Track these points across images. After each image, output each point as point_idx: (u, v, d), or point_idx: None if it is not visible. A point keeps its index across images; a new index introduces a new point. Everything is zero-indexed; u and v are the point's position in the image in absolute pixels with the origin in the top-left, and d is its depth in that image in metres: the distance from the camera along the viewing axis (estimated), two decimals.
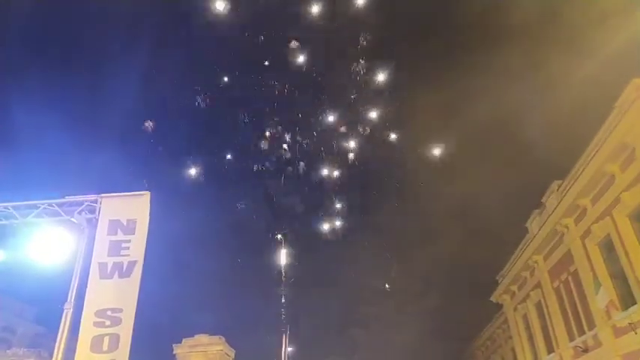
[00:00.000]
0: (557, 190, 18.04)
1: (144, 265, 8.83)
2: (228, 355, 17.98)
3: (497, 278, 25.47)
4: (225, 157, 25.58)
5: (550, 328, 19.81)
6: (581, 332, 16.99)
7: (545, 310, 20.21)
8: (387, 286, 34.12)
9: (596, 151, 14.61)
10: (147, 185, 9.72)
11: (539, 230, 19.33)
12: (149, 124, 23.44)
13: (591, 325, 16.16)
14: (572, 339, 17.73)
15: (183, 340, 19.20)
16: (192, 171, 25.25)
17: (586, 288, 16.20)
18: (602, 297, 14.67)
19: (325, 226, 29.13)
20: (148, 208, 9.35)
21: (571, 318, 17.86)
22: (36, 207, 9.72)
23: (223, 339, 19.13)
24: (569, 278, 17.76)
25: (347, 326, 34.15)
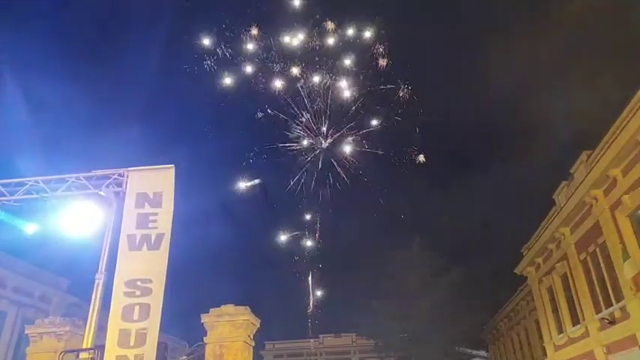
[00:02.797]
0: (587, 160, 17.54)
1: (172, 238, 8.98)
2: (253, 324, 18.39)
3: (521, 251, 25.22)
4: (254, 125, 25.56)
5: (576, 300, 19.62)
6: (608, 304, 16.77)
7: (571, 282, 19.98)
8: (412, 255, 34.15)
9: (629, 120, 14.07)
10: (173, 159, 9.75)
11: (567, 202, 18.93)
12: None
13: (619, 298, 15.93)
14: (598, 311, 17.53)
15: (211, 310, 19.73)
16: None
17: (614, 260, 15.89)
18: (630, 268, 14.39)
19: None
20: (173, 181, 9.45)
21: (598, 290, 17.62)
22: (65, 181, 9.93)
23: (249, 309, 19.54)
24: (597, 250, 17.44)
25: (370, 297, 34.39)
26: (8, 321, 25.65)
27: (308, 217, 31.13)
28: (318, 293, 34.33)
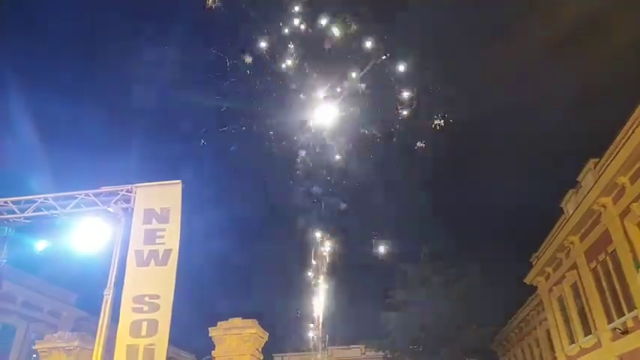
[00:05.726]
0: (594, 168, 17.45)
1: (180, 253, 9.03)
2: (261, 337, 18.40)
3: (531, 260, 25.01)
4: (260, 144, 25.44)
5: (587, 310, 19.39)
6: (620, 314, 16.55)
7: (581, 291, 19.76)
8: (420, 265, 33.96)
9: (636, 127, 14.02)
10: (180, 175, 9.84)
11: (575, 210, 18.80)
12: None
13: (631, 307, 15.71)
14: (610, 321, 17.30)
15: (219, 324, 19.79)
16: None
17: (625, 269, 15.72)
18: None
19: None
20: (180, 196, 9.53)
21: (609, 299, 17.41)
22: (74, 198, 10.06)
23: (256, 322, 19.57)
24: (607, 259, 17.27)
25: (378, 309, 34.25)
26: (18, 335, 25.81)
27: (318, 233, 31.10)
28: (328, 304, 34.19)
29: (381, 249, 32.85)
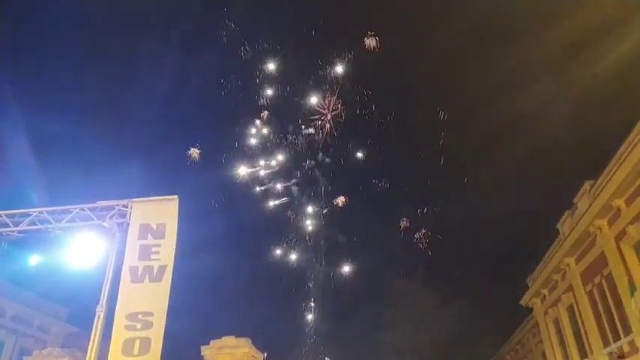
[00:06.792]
0: (590, 190, 17.52)
1: (173, 269, 8.94)
2: (255, 357, 18.12)
3: (527, 281, 24.91)
4: (254, 166, 25.49)
5: (583, 333, 19.24)
6: (617, 338, 16.43)
7: (577, 314, 19.64)
8: (415, 288, 33.79)
9: (631, 150, 14.12)
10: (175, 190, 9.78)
11: (571, 232, 18.81)
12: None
13: (627, 331, 15.61)
14: (606, 345, 17.16)
15: (211, 342, 19.53)
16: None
17: (621, 292, 15.65)
18: (637, 301, 14.17)
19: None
20: (177, 212, 9.47)
21: (605, 323, 17.30)
22: (69, 212, 9.98)
23: (250, 341, 19.31)
24: (603, 281, 17.21)
25: (374, 331, 33.95)
26: (6, 351, 25.27)
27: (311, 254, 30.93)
28: (321, 325, 33.82)
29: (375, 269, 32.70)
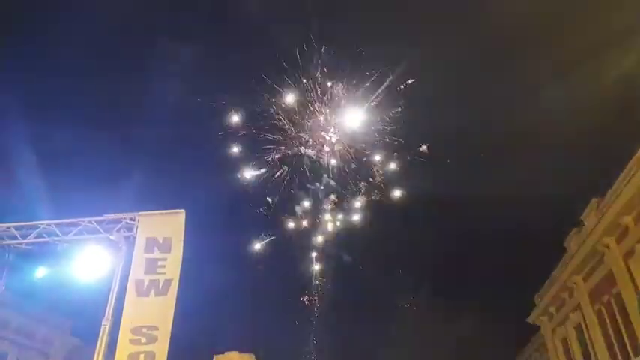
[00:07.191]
0: (597, 207, 17.42)
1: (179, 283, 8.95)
2: None
3: (534, 299, 24.66)
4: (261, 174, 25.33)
5: (591, 353, 18.95)
6: (626, 358, 16.17)
7: (585, 333, 19.37)
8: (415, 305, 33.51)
9: (639, 167, 14.09)
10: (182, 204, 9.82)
11: (578, 249, 18.66)
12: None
13: (637, 351, 15.37)
14: None
15: (215, 357, 19.48)
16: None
17: (630, 311, 15.46)
18: None
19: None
20: (183, 226, 9.52)
21: (614, 342, 17.04)
22: (76, 225, 10.05)
23: (253, 356, 19.23)
24: (612, 300, 17.00)
25: (376, 347, 33.58)
26: None
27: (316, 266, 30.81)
28: (323, 339, 33.53)
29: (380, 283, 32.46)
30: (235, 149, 21.76)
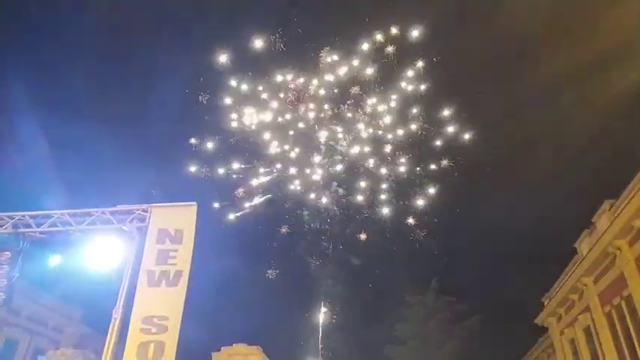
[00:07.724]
0: (609, 209, 17.23)
1: (190, 275, 9.04)
2: None
3: (542, 300, 24.50)
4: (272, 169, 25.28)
5: (600, 356, 18.79)
6: None
7: (594, 335, 19.21)
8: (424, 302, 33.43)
9: None
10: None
11: (590, 251, 18.48)
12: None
13: None
14: None
15: (222, 349, 19.62)
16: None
17: None
18: None
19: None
20: (195, 218, 9.60)
21: (624, 346, 16.88)
22: (90, 215, 10.19)
23: (260, 349, 19.34)
24: (622, 303, 16.83)
25: (384, 344, 33.52)
26: (20, 349, 25.63)
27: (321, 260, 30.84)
28: (330, 336, 33.62)
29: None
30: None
